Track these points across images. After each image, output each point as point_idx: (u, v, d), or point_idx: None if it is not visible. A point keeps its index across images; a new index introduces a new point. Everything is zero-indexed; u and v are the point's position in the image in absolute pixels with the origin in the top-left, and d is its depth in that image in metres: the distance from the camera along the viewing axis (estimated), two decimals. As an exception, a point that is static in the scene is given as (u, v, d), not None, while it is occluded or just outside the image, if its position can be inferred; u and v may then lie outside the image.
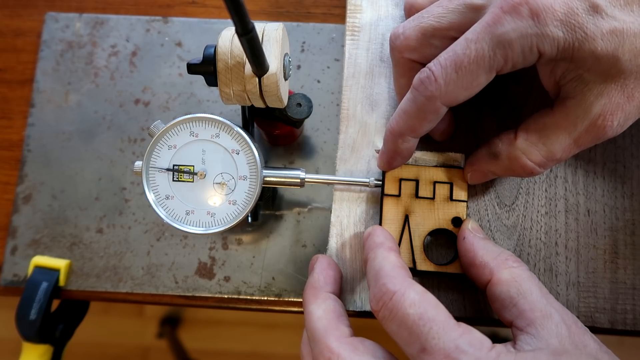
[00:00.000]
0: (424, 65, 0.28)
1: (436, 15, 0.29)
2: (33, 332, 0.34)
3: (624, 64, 0.25)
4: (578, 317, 0.33)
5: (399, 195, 0.33)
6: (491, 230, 0.34)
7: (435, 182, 0.33)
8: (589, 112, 0.27)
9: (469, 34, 0.26)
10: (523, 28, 0.25)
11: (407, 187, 0.33)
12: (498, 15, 0.25)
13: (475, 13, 0.28)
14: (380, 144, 0.35)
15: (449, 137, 0.34)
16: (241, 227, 0.36)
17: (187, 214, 0.31)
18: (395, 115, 0.30)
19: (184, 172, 0.31)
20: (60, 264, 0.36)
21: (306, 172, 0.33)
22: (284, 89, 0.31)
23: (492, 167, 0.31)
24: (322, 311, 0.28)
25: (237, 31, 0.24)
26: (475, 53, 0.26)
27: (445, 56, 0.27)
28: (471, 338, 0.24)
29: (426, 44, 0.30)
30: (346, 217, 0.34)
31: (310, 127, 0.38)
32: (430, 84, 0.27)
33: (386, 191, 0.33)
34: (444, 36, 0.29)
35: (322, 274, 0.31)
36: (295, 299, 0.35)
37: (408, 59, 0.31)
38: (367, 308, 0.33)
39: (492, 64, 0.26)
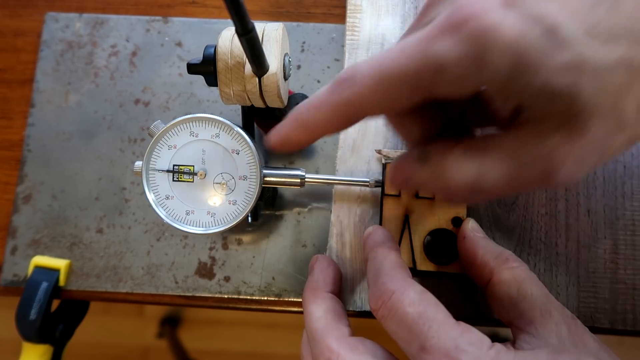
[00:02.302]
0: None
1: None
2: (33, 332, 0.34)
3: (584, 102, 0.20)
4: (578, 317, 0.32)
5: (399, 195, 0.33)
6: (491, 230, 0.34)
7: (435, 182, 0.33)
8: (537, 147, 0.21)
9: (404, 43, 0.21)
10: (460, 51, 0.20)
11: (407, 187, 0.33)
12: (436, 30, 0.20)
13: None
14: (379, 145, 0.35)
15: (419, 141, 0.27)
16: (241, 227, 0.36)
17: (187, 214, 0.31)
18: (309, 101, 0.24)
19: (184, 172, 0.31)
20: (60, 264, 0.36)
21: (306, 172, 0.33)
22: (284, 89, 0.31)
23: (416, 170, 0.25)
24: (322, 311, 0.28)
25: (237, 31, 0.24)
26: (401, 67, 0.21)
27: (372, 62, 0.22)
28: (471, 337, 0.24)
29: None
30: (346, 217, 0.34)
31: (310, 127, 0.38)
32: (348, 86, 0.22)
33: (386, 191, 0.33)
34: None
35: (322, 273, 0.31)
36: (295, 299, 0.35)
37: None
38: (367, 308, 0.33)
39: (419, 84, 0.21)
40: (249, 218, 0.34)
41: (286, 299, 0.35)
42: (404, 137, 0.27)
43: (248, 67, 0.28)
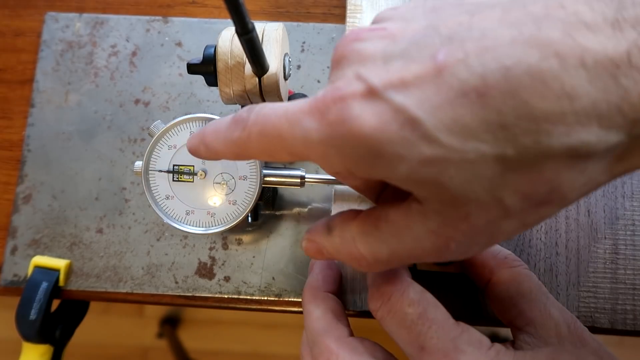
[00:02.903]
0: None
1: None
2: (33, 332, 0.34)
3: (455, 191, 0.19)
4: (578, 317, 0.33)
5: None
6: (491, 230, 0.34)
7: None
8: (426, 223, 0.21)
9: (292, 106, 0.22)
10: (323, 135, 0.20)
11: (407, 187, 0.33)
12: (308, 107, 0.21)
13: None
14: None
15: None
16: (241, 227, 0.36)
17: (187, 214, 0.31)
18: (214, 126, 0.25)
19: (184, 172, 0.31)
20: (60, 264, 0.36)
21: (306, 172, 0.33)
22: (284, 89, 0.31)
23: (325, 241, 0.25)
24: (321, 311, 0.28)
25: (237, 31, 0.24)
26: (280, 129, 0.21)
27: (264, 111, 0.22)
28: (470, 337, 0.24)
29: None
30: (346, 217, 0.34)
31: (310, 127, 0.38)
32: (236, 129, 0.23)
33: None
34: None
35: (321, 273, 0.31)
36: (295, 299, 0.35)
37: None
38: (367, 308, 0.33)
39: (292, 151, 0.22)
40: (249, 218, 0.34)
41: (286, 299, 0.35)
42: (364, 195, 0.28)
43: (248, 67, 0.28)
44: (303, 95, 0.33)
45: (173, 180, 0.31)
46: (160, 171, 0.31)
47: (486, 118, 0.18)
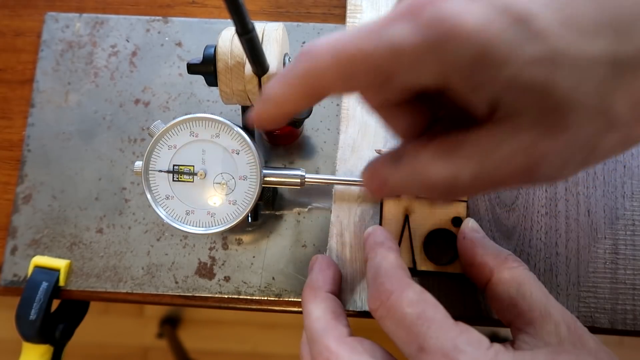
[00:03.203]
0: None
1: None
2: (33, 332, 0.34)
3: (562, 96, 0.18)
4: (578, 317, 0.33)
5: (399, 195, 0.33)
6: (491, 230, 0.34)
7: (435, 182, 0.33)
8: (516, 143, 0.20)
9: (365, 24, 0.20)
10: (417, 38, 0.19)
11: (407, 187, 0.33)
12: (397, 14, 0.19)
13: None
14: (379, 145, 0.35)
15: (410, 136, 0.26)
16: (241, 227, 0.36)
17: (187, 214, 0.31)
18: (277, 77, 0.23)
19: (184, 172, 0.31)
20: (60, 264, 0.36)
21: (306, 172, 0.33)
22: (284, 89, 0.31)
23: (391, 172, 0.24)
24: (321, 311, 0.28)
25: (237, 31, 0.24)
26: (360, 46, 0.20)
27: (335, 36, 0.21)
28: (469, 337, 0.24)
29: None
30: (346, 217, 0.34)
31: (310, 127, 0.38)
32: (306, 60, 0.21)
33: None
34: None
35: (321, 273, 0.31)
36: (295, 299, 0.35)
37: None
38: (367, 308, 0.33)
39: (376, 68, 0.20)
40: (249, 218, 0.34)
41: (286, 299, 0.35)
42: (392, 130, 0.26)
43: (248, 67, 0.28)
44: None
45: (173, 180, 0.31)
46: (160, 171, 0.31)
47: (604, 13, 0.17)
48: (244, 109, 0.33)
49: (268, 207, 0.36)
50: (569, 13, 0.17)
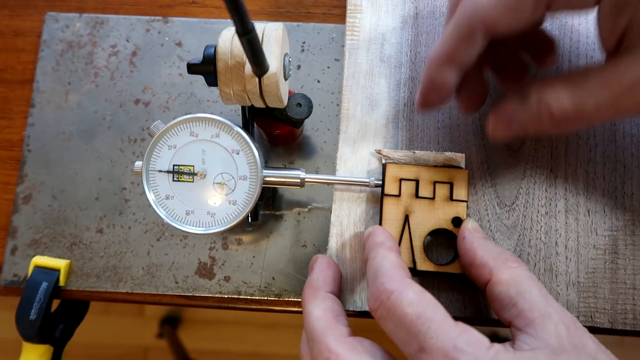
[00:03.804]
0: None
1: None
2: (33, 332, 0.34)
3: None
4: (578, 317, 0.33)
5: (399, 195, 0.33)
6: (491, 230, 0.34)
7: (435, 182, 0.33)
8: (633, 74, 0.23)
9: None
10: None
11: (407, 187, 0.33)
12: None
13: None
14: (379, 145, 0.35)
15: (476, 109, 0.31)
16: (241, 227, 0.36)
17: (187, 214, 0.31)
18: (436, 43, 0.28)
19: (184, 172, 0.31)
20: (60, 264, 0.36)
21: (306, 172, 0.33)
22: (284, 89, 0.31)
23: (518, 112, 0.27)
24: (321, 311, 0.28)
25: (237, 31, 0.24)
26: None
27: None
28: (469, 337, 0.24)
29: None
30: (346, 217, 0.34)
31: (310, 127, 0.38)
32: (472, 5, 0.25)
33: (386, 191, 0.33)
34: None
35: (321, 273, 0.31)
36: (295, 299, 0.35)
37: None
38: (367, 308, 0.33)
39: None
40: (249, 218, 0.34)
41: (286, 299, 0.35)
42: (464, 104, 0.30)
43: (248, 67, 0.28)
44: (303, 95, 0.33)
45: (173, 180, 0.31)
46: (160, 171, 0.31)
47: None
48: (244, 109, 0.33)
49: (268, 207, 0.36)
50: None
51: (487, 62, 0.31)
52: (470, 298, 0.33)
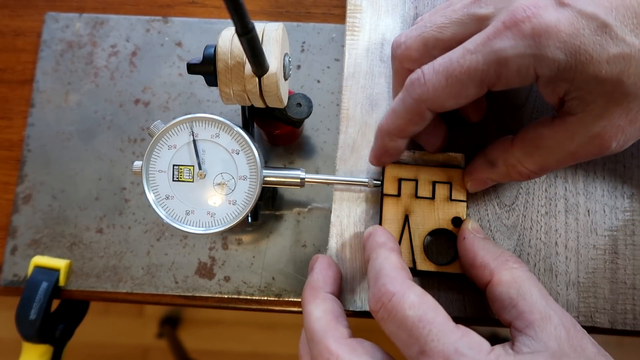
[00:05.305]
0: None
1: (439, 25, 0.29)
2: (33, 332, 0.34)
3: (629, 87, 0.24)
4: (578, 317, 0.33)
5: (398, 195, 0.33)
6: (491, 230, 0.34)
7: (435, 182, 0.33)
8: (588, 131, 0.26)
9: (468, 43, 0.26)
10: (521, 47, 0.24)
11: (407, 187, 0.33)
12: (499, 29, 0.25)
13: (479, 24, 0.27)
14: (380, 144, 0.35)
15: (440, 150, 0.33)
16: (241, 227, 0.36)
17: (187, 214, 0.31)
18: (386, 113, 0.30)
19: (184, 172, 0.31)
20: (60, 264, 0.36)
21: (306, 172, 0.33)
22: (284, 89, 0.31)
23: (489, 174, 0.31)
24: (321, 311, 0.28)
25: (237, 31, 0.24)
26: (468, 64, 0.25)
27: (440, 61, 0.26)
28: (470, 341, 0.24)
29: (427, 54, 0.29)
30: (346, 217, 0.34)
31: (310, 127, 0.38)
32: (418, 86, 0.27)
33: (386, 191, 0.33)
34: (445, 47, 0.28)
35: (321, 274, 0.31)
36: (295, 299, 0.35)
37: (407, 69, 0.30)
38: (367, 308, 0.33)
39: (483, 79, 0.25)
40: (249, 218, 0.34)
41: (286, 299, 0.35)
42: (428, 145, 0.33)
43: (248, 67, 0.28)
44: (303, 95, 0.33)
45: (173, 180, 0.31)
46: (160, 171, 0.31)
47: None
48: (244, 109, 0.33)
49: (268, 207, 0.36)
50: (637, 22, 0.24)
51: None
52: (470, 298, 0.33)
